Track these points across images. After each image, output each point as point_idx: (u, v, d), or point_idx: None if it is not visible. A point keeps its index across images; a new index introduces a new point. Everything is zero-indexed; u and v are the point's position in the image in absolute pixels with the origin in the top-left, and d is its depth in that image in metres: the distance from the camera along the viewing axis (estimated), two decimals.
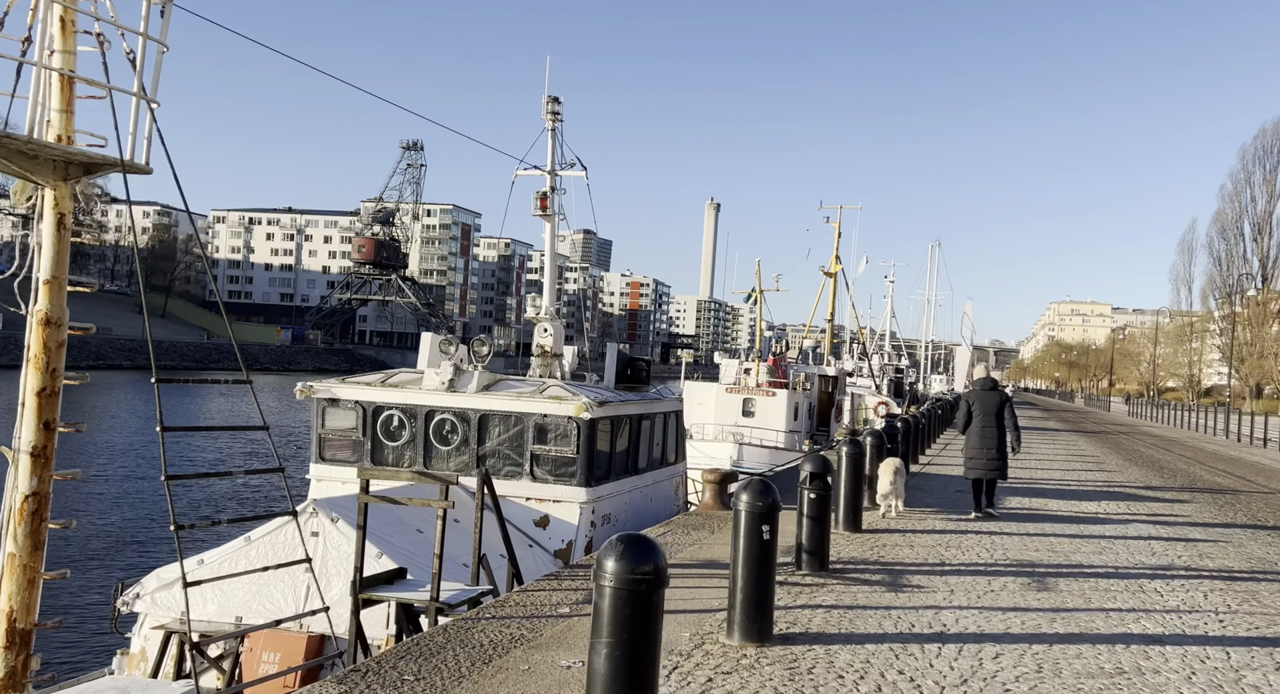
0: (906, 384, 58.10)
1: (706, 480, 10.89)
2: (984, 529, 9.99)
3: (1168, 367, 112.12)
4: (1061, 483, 15.60)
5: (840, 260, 40.08)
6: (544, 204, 12.98)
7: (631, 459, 11.83)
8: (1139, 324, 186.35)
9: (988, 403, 11.16)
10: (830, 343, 40.25)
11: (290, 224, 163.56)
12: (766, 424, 28.35)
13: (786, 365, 31.50)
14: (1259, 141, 79.68)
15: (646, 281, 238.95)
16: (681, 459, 14.24)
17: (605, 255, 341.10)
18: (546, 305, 13.07)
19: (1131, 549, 9.14)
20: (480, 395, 10.75)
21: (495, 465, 10.74)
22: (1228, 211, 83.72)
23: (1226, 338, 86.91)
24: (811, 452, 28.11)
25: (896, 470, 10.87)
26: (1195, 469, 19.85)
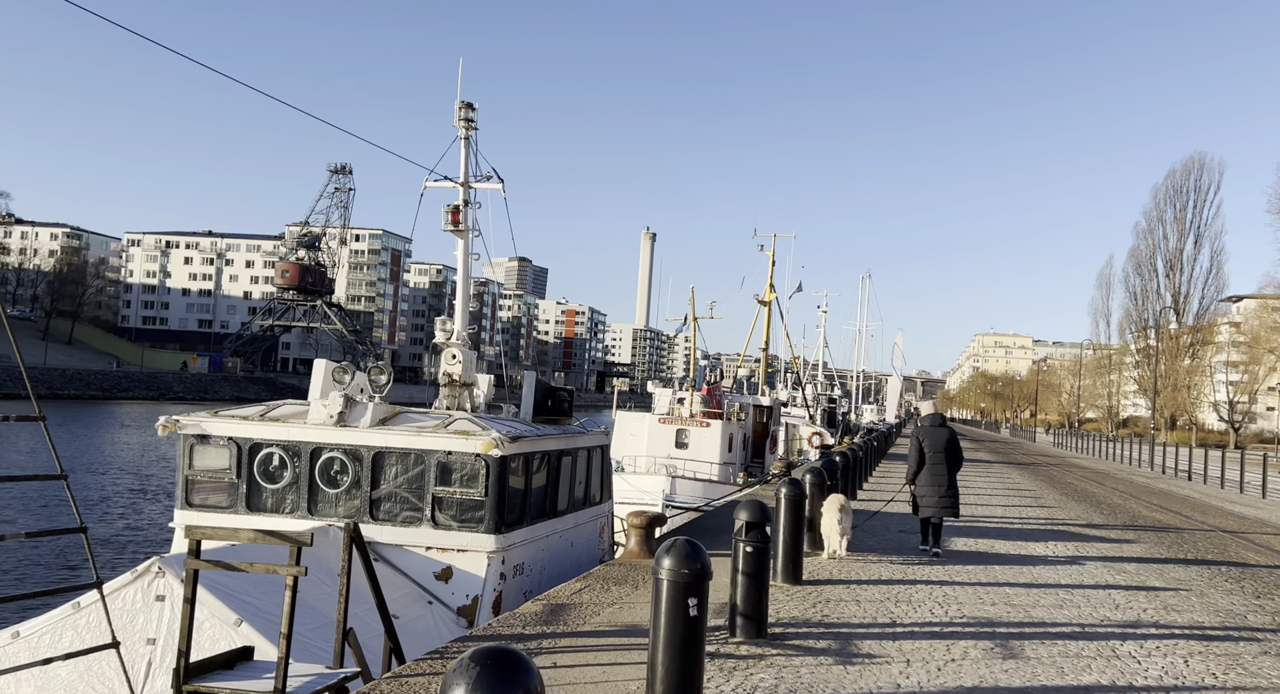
0: (839, 414, 58.11)
1: (631, 525, 9.77)
2: (933, 577, 9.11)
3: (1087, 398, 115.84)
4: (1004, 521, 14.96)
5: (774, 288, 39.70)
6: (455, 218, 11.83)
7: (549, 500, 10.65)
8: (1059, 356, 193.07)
9: (937, 439, 10.77)
10: (765, 372, 39.70)
11: (210, 248, 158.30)
12: (700, 456, 27.38)
13: (721, 395, 30.68)
14: (1169, 181, 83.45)
15: (582, 310, 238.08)
16: (607, 498, 13.08)
17: (541, 283, 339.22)
18: (457, 329, 11.87)
19: (1093, 602, 8.34)
20: (375, 430, 9.48)
21: (392, 510, 9.45)
22: (1142, 248, 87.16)
23: (1143, 371, 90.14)
24: (747, 484, 27.28)
25: (842, 508, 10.04)
26: (1131, 504, 19.55)
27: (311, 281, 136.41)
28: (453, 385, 10.76)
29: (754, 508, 6.48)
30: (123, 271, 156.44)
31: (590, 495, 12.13)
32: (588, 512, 12.03)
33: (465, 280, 12.18)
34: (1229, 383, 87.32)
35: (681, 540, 4.65)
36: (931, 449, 10.63)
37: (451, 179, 12.10)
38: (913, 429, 11.36)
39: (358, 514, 9.45)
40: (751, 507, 6.49)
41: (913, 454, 10.78)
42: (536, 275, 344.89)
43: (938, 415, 11.27)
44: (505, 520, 9.41)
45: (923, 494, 10.63)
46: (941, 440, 10.70)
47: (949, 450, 10.69)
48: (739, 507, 6.53)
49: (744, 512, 6.47)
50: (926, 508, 10.63)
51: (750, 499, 6.54)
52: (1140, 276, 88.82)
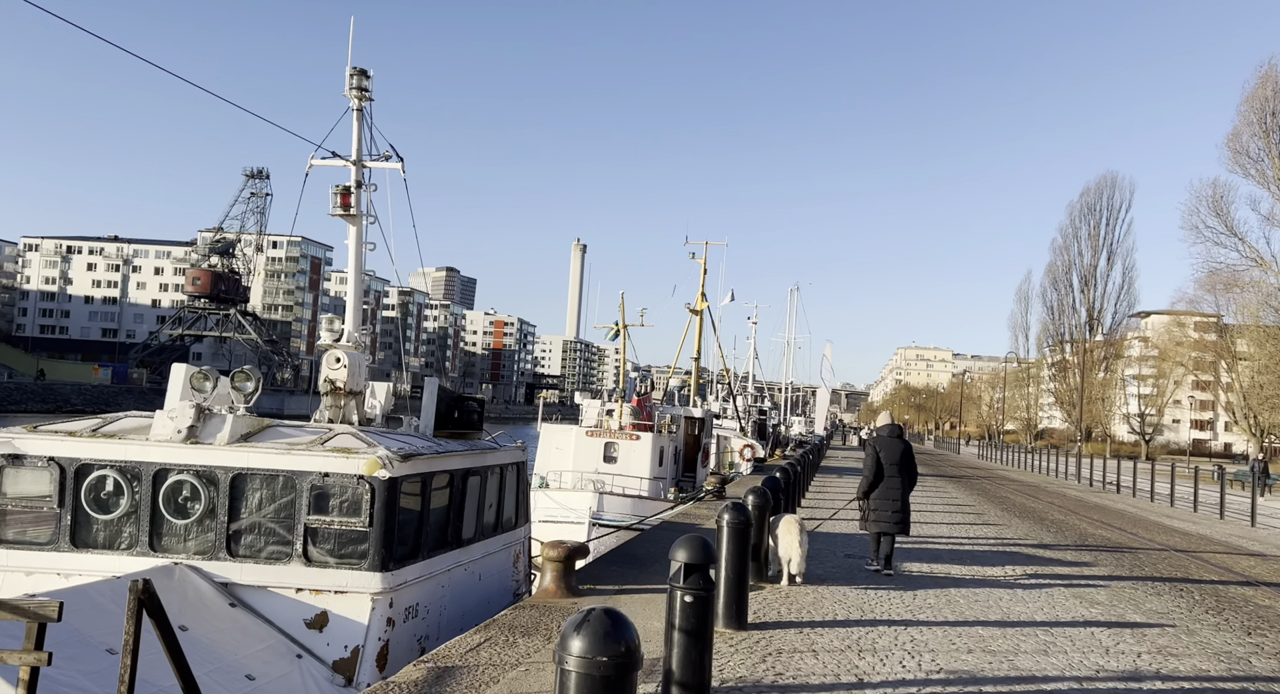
0: (770, 426, 57.51)
1: (547, 558, 8.27)
2: (896, 615, 7.89)
3: (1007, 410, 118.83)
4: (953, 540, 13.97)
5: (706, 297, 38.66)
6: (346, 201, 10.20)
7: (452, 528, 9.09)
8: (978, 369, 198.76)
9: (892, 451, 10.13)
10: (696, 383, 38.60)
11: (116, 254, 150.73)
12: (630, 471, 25.97)
13: (651, 406, 29.35)
14: (1084, 199, 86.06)
15: (511, 321, 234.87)
16: (524, 521, 11.55)
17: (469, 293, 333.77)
18: (348, 329, 10.23)
19: (1079, 645, 7.22)
20: (234, 448, 7.81)
21: (254, 544, 7.79)
22: (1059, 264, 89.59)
23: (1059, 384, 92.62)
24: (678, 500, 25.97)
25: (800, 528, 8.91)
26: (1074, 520, 18.91)
27: (225, 289, 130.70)
28: (336, 394, 9.10)
29: (695, 546, 5.10)
30: (18, 278, 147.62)
31: (503, 520, 10.60)
32: (500, 539, 10.50)
33: (357, 272, 10.54)
34: (1140, 396, 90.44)
35: (598, 614, 3.25)
36: (888, 461, 10.07)
37: (342, 157, 10.48)
38: (868, 439, 10.47)
39: (212, 549, 7.76)
40: (692, 544, 5.11)
41: (869, 466, 10.13)
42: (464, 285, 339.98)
43: (895, 426, 10.59)
44: (394, 555, 7.84)
45: (875, 507, 10.02)
46: (897, 452, 10.12)
47: (904, 463, 10.12)
48: (677, 544, 5.15)
49: (683, 550, 5.09)
50: (879, 523, 10.00)
51: (692, 537, 5.17)
52: (1057, 291, 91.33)
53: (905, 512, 10.07)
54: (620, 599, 8.06)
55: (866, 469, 10.22)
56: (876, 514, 10.05)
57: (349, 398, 9.22)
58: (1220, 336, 71.35)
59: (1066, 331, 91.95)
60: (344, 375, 9.06)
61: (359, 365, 9.40)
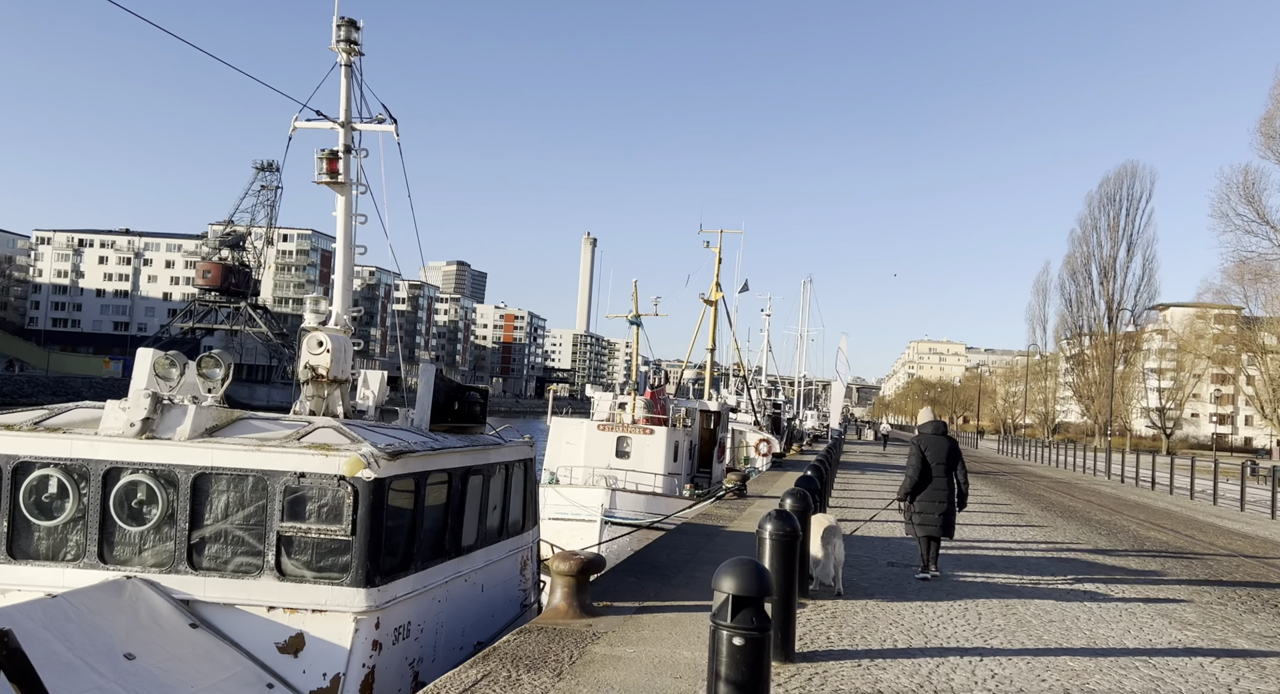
0: (784, 420, 56.33)
1: (558, 573, 7.17)
2: (964, 641, 6.74)
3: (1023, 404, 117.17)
4: (1000, 545, 12.81)
5: (720, 287, 37.47)
6: (333, 167, 9.10)
7: (450, 535, 8.00)
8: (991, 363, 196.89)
9: (938, 450, 9.54)
10: (710, 375, 37.43)
11: (127, 247, 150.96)
12: (644, 466, 24.84)
13: (665, 400, 28.23)
14: (1103, 189, 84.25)
15: (521, 314, 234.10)
16: (532, 524, 10.46)
17: (479, 287, 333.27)
18: (336, 310, 9.15)
19: (1193, 683, 6.04)
20: (197, 444, 6.74)
21: (219, 555, 6.73)
22: (1077, 255, 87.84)
23: (1077, 376, 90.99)
24: (694, 497, 24.89)
25: (831, 529, 7.90)
26: (1121, 521, 17.70)
27: (235, 282, 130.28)
28: (318, 382, 8.00)
29: (746, 573, 3.95)
30: (31, 271, 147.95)
31: (509, 524, 9.51)
32: (505, 545, 9.41)
33: (346, 247, 9.44)
34: (1160, 390, 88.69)
35: None
36: (934, 460, 9.48)
37: (329, 118, 9.38)
38: (911, 438, 9.86)
39: (171, 561, 6.70)
40: (742, 571, 3.96)
41: (913, 465, 9.53)
42: (475, 279, 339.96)
43: (939, 423, 9.83)
44: (382, 567, 6.76)
45: (922, 510, 9.43)
46: (943, 451, 9.52)
47: (951, 462, 9.54)
48: (723, 571, 4.00)
49: (731, 578, 3.95)
50: (927, 526, 9.42)
51: (742, 562, 4.02)
52: (1075, 283, 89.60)
53: (952, 514, 9.50)
54: (641, 620, 6.97)
55: (910, 469, 9.51)
56: (923, 517, 9.43)
57: (333, 387, 8.12)
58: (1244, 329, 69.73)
59: (1085, 324, 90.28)
60: (326, 361, 7.96)
61: (345, 350, 8.29)
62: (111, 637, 6.14)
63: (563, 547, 21.86)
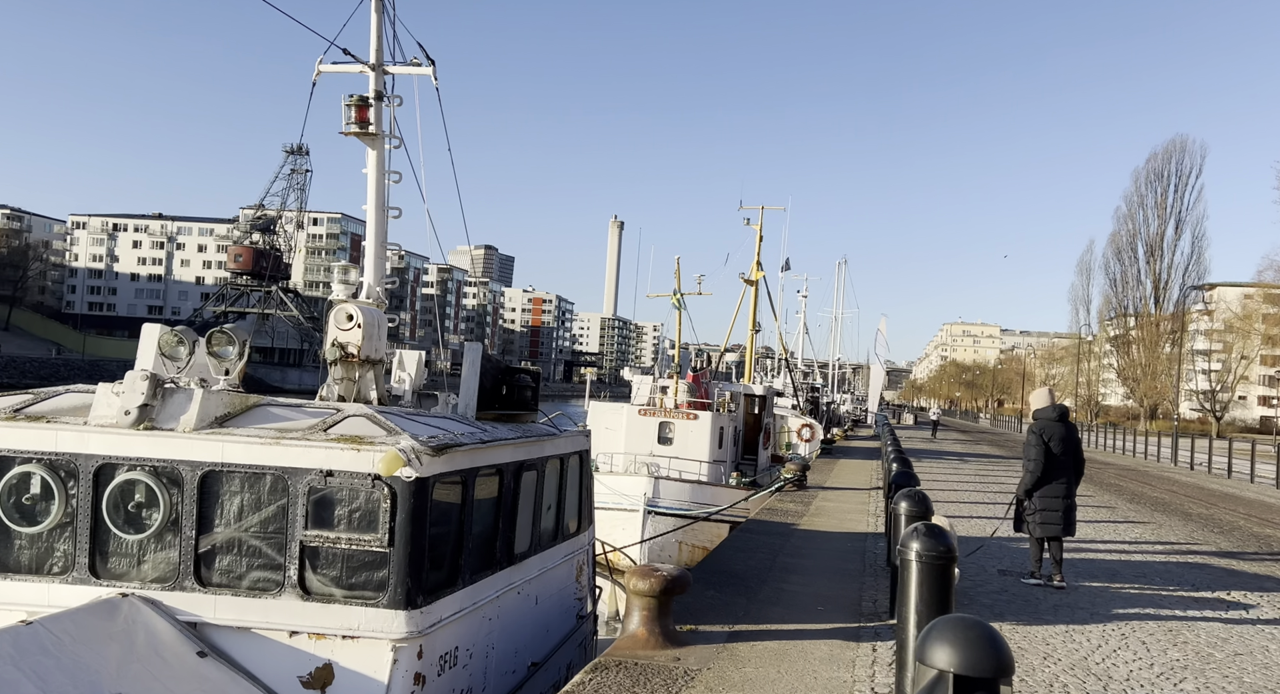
0: (823, 404, 54.80)
1: (635, 592, 5.92)
2: (1150, 688, 5.41)
3: (1065, 387, 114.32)
4: (1111, 546, 11.40)
5: (761, 266, 35.92)
6: (362, 116, 7.87)
7: (503, 541, 6.81)
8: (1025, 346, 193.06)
9: (1062, 438, 8.42)
10: (752, 357, 36.02)
11: (160, 231, 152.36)
12: (687, 453, 23.57)
13: (708, 383, 26.92)
14: (1150, 165, 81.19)
15: (549, 298, 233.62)
16: (588, 524, 9.25)
17: (507, 271, 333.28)
18: (368, 282, 7.97)
19: None
20: (206, 436, 5.58)
21: (232, 570, 5.59)
22: (1123, 233, 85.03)
23: (1122, 358, 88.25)
24: (742, 486, 23.66)
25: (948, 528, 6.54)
26: (1226, 516, 16.16)
27: (266, 266, 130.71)
28: (348, 363, 6.80)
29: (974, 642, 2.63)
30: (67, 255, 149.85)
31: (564, 525, 8.31)
32: (560, 549, 8.20)
33: (379, 209, 8.21)
34: (1209, 371, 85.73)
35: None
36: (1056, 450, 8.37)
37: (358, 59, 8.14)
38: (1031, 427, 8.57)
39: (174, 576, 5.57)
40: (968, 639, 2.64)
41: (1036, 457, 8.39)
42: (503, 263, 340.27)
43: (1061, 407, 8.66)
44: (425, 584, 5.57)
45: (1041, 507, 8.35)
46: (1068, 440, 8.46)
47: (1075, 453, 8.49)
48: (937, 635, 2.70)
49: (948, 647, 2.63)
50: (1048, 525, 8.35)
51: (965, 623, 2.73)
52: (1120, 262, 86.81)
53: (1073, 510, 8.44)
54: (737, 651, 5.74)
55: (1032, 462, 8.37)
56: (1043, 515, 8.36)
57: (365, 368, 6.92)
58: None
59: (1130, 304, 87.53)
60: (358, 337, 6.73)
61: (378, 325, 7.07)
62: (99, 673, 5.02)
63: (605, 540, 20.74)
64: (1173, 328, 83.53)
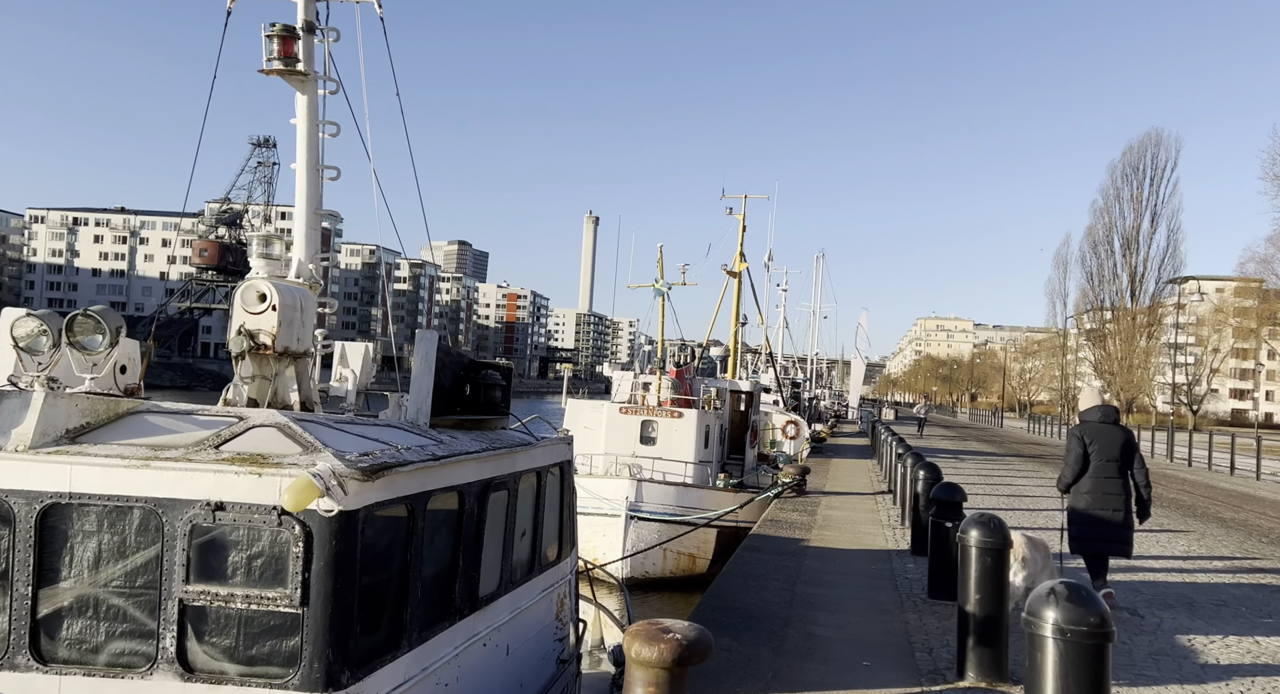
0: (806, 399, 53.69)
1: (641, 664, 4.38)
2: None
3: (1039, 381, 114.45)
4: (1163, 561, 10.12)
5: (745, 257, 34.57)
6: (287, 49, 6.30)
7: (463, 583, 5.29)
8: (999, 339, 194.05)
9: (1109, 442, 7.44)
10: (736, 352, 34.65)
11: (123, 225, 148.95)
12: (671, 453, 22.16)
13: (692, 379, 25.52)
14: (1126, 158, 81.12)
15: (524, 293, 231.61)
16: (569, 550, 7.74)
17: (481, 266, 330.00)
18: (298, 256, 6.40)
19: None
20: (48, 456, 4.03)
21: (87, 637, 4.05)
22: (1099, 227, 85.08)
23: (1098, 351, 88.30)
24: (728, 488, 22.28)
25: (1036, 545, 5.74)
26: (1259, 520, 15.02)
27: (233, 261, 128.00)
28: (260, 357, 5.22)
29: None
30: (25, 250, 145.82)
31: (541, 554, 6.81)
32: (537, 583, 6.70)
33: (311, 169, 6.65)
34: (1186, 365, 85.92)
35: None
36: (1102, 456, 7.37)
37: None
38: (1072, 428, 7.65)
39: (3, 649, 4.03)
40: None
41: (1072, 461, 7.52)
42: (477, 259, 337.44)
43: (1108, 408, 7.67)
44: (353, 654, 4.04)
45: (1086, 521, 7.38)
46: (1116, 445, 7.44)
47: (1126, 459, 7.42)
48: None
49: None
50: (1094, 540, 7.39)
51: None
52: (1097, 256, 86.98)
53: (1129, 524, 7.42)
54: None
55: (1069, 466, 7.46)
56: (1090, 530, 7.39)
57: (284, 363, 5.34)
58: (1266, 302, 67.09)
59: (1106, 298, 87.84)
60: (272, 323, 5.14)
61: (303, 309, 5.49)
62: None
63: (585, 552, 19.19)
64: (1149, 321, 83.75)
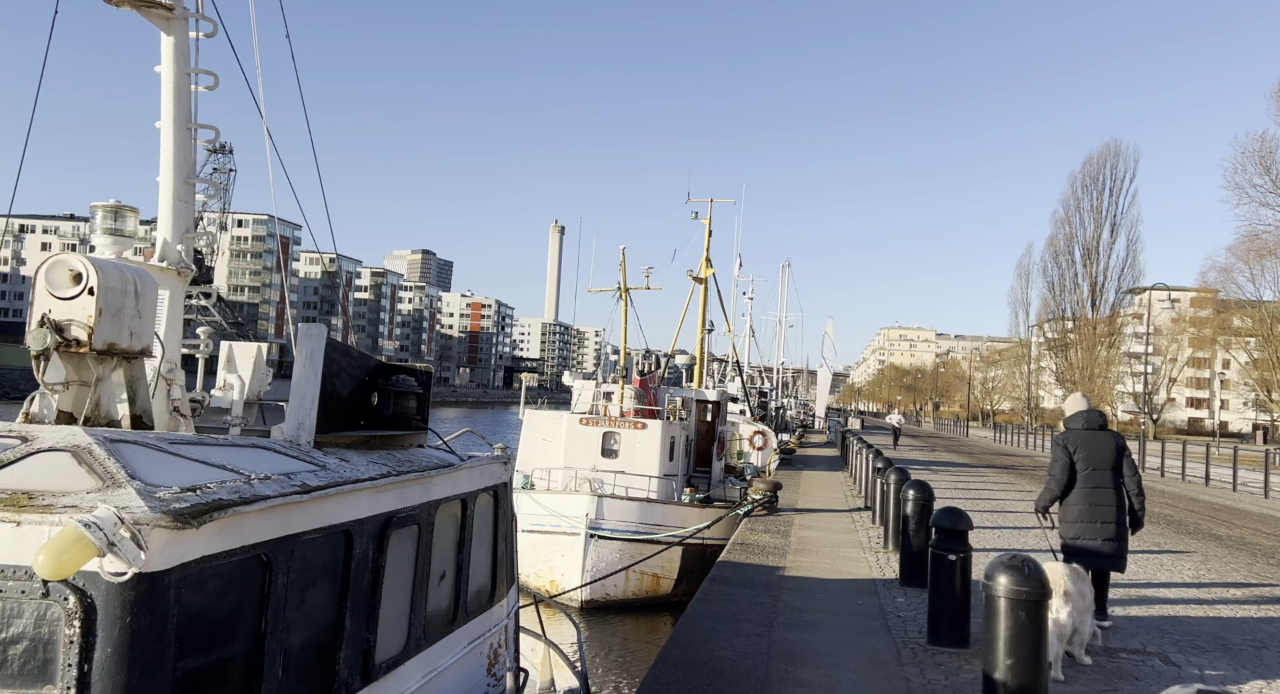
0: (773, 408, 52.88)
1: None
2: None
3: (1002, 390, 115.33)
4: (1179, 592, 9.18)
5: (711, 263, 33.60)
6: None
7: (350, 651, 4.04)
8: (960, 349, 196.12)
9: (1098, 450, 6.99)
10: (703, 360, 33.61)
11: (72, 233, 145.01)
12: (634, 467, 20.97)
13: (656, 389, 24.39)
14: (1086, 169, 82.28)
15: (488, 303, 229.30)
16: (507, 589, 6.50)
17: (445, 276, 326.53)
18: (165, 237, 5.16)
19: None
20: None
21: None
22: (1059, 237, 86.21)
23: (1060, 360, 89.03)
24: (695, 502, 21.19)
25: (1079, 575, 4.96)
26: (1251, 536, 14.23)
27: None
28: (73, 357, 3.89)
29: None
30: None
31: (466, 600, 5.58)
32: (462, 635, 5.45)
33: (179, 126, 5.41)
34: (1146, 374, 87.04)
35: None
36: (1089, 465, 6.93)
37: None
38: (1057, 436, 7.17)
39: None
40: None
41: (1057, 473, 7.04)
42: (441, 268, 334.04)
43: (1094, 413, 7.17)
44: None
45: (1076, 534, 6.88)
46: (1106, 452, 6.97)
47: (1118, 467, 6.98)
48: None
49: None
50: (1088, 554, 6.84)
51: None
52: (1058, 266, 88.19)
53: (1122, 537, 6.92)
54: None
55: (1053, 479, 6.99)
56: (1080, 542, 6.85)
57: (107, 365, 4.04)
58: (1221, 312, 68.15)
59: (1068, 307, 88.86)
60: (88, 312, 3.84)
61: (136, 295, 4.18)
62: None
63: (538, 571, 17.89)
64: (1109, 331, 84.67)
